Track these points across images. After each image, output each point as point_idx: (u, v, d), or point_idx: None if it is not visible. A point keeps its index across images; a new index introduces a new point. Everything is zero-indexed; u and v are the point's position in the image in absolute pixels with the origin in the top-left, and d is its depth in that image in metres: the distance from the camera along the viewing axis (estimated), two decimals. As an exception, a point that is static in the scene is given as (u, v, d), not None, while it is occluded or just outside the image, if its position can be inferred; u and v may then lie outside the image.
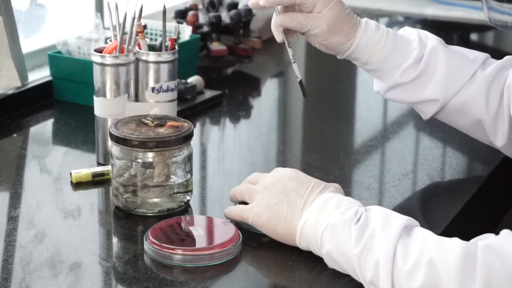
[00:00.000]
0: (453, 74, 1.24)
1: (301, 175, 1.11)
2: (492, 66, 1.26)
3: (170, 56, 1.32)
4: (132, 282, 1.02)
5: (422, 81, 1.25)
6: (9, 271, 1.04)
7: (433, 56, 1.24)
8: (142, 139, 1.15)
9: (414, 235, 0.97)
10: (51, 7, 1.79)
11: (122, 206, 1.19)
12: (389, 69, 1.25)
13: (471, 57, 1.26)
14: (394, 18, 2.45)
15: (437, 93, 1.24)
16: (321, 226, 1.02)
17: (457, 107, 1.26)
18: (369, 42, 1.23)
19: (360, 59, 1.25)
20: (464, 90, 1.25)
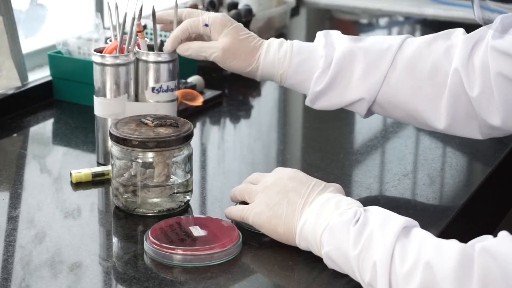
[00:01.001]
0: (370, 69, 1.22)
1: (301, 174, 1.11)
2: (413, 45, 1.22)
3: (170, 56, 1.32)
4: (132, 282, 1.02)
5: (339, 85, 1.23)
6: (9, 271, 1.04)
7: (345, 58, 1.23)
8: (142, 139, 1.15)
9: (412, 237, 0.97)
10: (51, 7, 1.79)
11: (122, 206, 1.19)
12: (303, 81, 1.25)
13: (385, 45, 1.23)
14: (394, 18, 2.45)
15: (359, 92, 1.23)
16: (320, 227, 1.02)
17: (385, 100, 1.23)
18: (274, 61, 1.25)
19: (273, 78, 1.26)
20: (388, 80, 1.22)
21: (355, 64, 1.22)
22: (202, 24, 1.26)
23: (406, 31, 2.39)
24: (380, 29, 2.42)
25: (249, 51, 1.25)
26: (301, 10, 2.46)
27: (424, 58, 1.21)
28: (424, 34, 2.40)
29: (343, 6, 2.50)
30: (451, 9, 2.38)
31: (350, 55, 1.23)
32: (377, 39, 1.25)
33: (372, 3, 2.47)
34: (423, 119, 1.22)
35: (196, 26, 1.27)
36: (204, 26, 1.26)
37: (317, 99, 1.26)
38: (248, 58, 1.25)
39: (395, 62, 1.22)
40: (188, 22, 1.27)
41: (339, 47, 1.24)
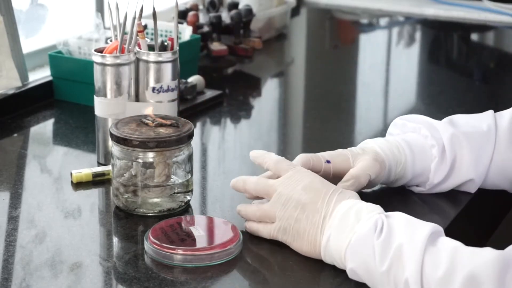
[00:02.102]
0: (478, 150, 1.22)
1: (316, 181, 1.08)
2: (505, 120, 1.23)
3: (171, 56, 1.32)
4: (133, 282, 1.02)
5: (454, 170, 1.22)
6: (9, 271, 1.04)
7: (453, 143, 1.21)
8: (142, 139, 1.15)
9: (440, 245, 0.95)
10: (51, 7, 1.79)
11: (122, 206, 1.19)
12: (421, 174, 1.22)
13: (485, 128, 1.23)
14: (394, 18, 2.45)
15: (470, 175, 1.22)
16: (343, 243, 1.00)
17: (495, 177, 1.24)
18: (392, 162, 1.20)
19: (389, 178, 1.22)
20: (495, 161, 1.23)
21: (465, 151, 1.21)
22: (324, 160, 1.18)
23: (407, 31, 2.39)
24: (380, 29, 2.42)
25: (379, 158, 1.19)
26: (302, 10, 2.46)
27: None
28: (424, 34, 2.40)
29: (343, 6, 2.50)
30: (451, 9, 2.38)
31: (459, 139, 1.21)
32: (469, 120, 1.24)
33: (372, 3, 2.47)
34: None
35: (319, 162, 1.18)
36: (326, 163, 1.18)
37: (431, 189, 1.23)
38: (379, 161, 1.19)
39: (497, 142, 1.22)
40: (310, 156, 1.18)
41: (444, 133, 1.21)
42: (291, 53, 2.19)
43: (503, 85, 1.92)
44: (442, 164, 1.21)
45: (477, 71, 2.12)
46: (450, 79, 1.97)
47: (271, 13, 2.14)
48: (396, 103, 1.79)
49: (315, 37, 2.32)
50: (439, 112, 1.58)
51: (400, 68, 2.08)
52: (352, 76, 1.99)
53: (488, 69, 2.10)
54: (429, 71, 2.09)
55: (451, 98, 1.77)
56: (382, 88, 1.88)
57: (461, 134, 1.22)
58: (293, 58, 2.14)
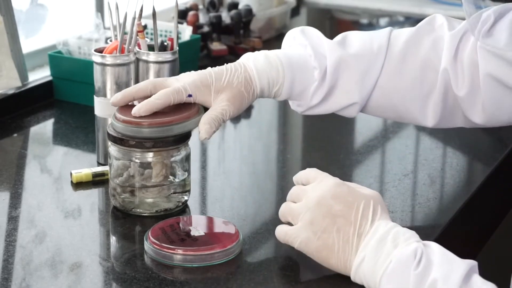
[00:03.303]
0: (363, 75, 1.19)
1: (345, 190, 1.03)
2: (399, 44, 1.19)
3: (171, 56, 1.32)
4: (133, 282, 1.02)
5: (334, 94, 1.20)
6: (9, 271, 1.04)
7: (339, 68, 1.19)
8: (139, 139, 1.15)
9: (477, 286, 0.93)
10: (51, 7, 1.79)
11: (119, 206, 1.19)
12: (297, 95, 1.20)
13: (375, 47, 1.19)
14: (394, 18, 2.45)
15: (353, 98, 1.19)
16: (380, 269, 0.97)
17: (376, 102, 1.21)
18: (269, 82, 1.18)
19: (267, 96, 1.20)
20: (379, 85, 1.20)
21: (349, 73, 1.19)
22: (186, 95, 1.15)
23: (406, 31, 2.39)
24: (380, 29, 2.41)
25: (247, 87, 1.17)
26: (302, 10, 2.46)
27: (413, 58, 1.19)
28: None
29: (343, 6, 2.50)
30: (451, 9, 2.38)
31: (344, 64, 1.19)
32: (363, 38, 1.21)
33: (372, 3, 2.47)
34: (412, 118, 1.21)
35: (181, 99, 1.15)
36: (188, 97, 1.15)
37: (309, 110, 1.21)
38: (249, 95, 1.17)
39: (385, 65, 1.19)
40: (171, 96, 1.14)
41: (330, 56, 1.19)
42: (291, 53, 2.19)
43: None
44: (321, 88, 1.19)
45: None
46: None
47: (271, 13, 2.14)
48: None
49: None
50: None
51: (400, 68, 2.08)
52: (352, 76, 1.99)
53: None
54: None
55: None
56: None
57: (348, 57, 1.19)
58: (293, 58, 2.14)
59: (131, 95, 1.16)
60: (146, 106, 1.13)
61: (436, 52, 1.17)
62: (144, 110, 1.13)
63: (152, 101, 1.14)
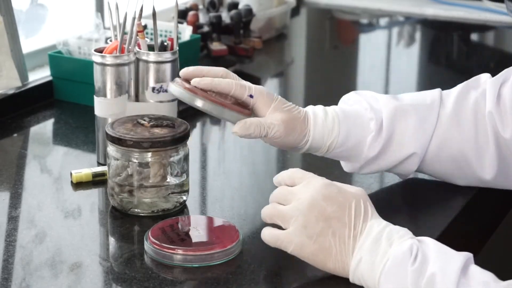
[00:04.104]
0: (421, 124, 1.20)
1: (334, 190, 1.02)
2: (451, 98, 1.22)
3: (171, 56, 1.32)
4: (133, 282, 1.02)
5: (392, 145, 1.20)
6: (9, 271, 1.04)
7: (396, 117, 1.20)
8: (137, 139, 1.15)
9: (472, 282, 0.94)
10: (51, 7, 1.79)
11: (117, 206, 1.19)
12: (353, 148, 1.20)
13: (428, 100, 1.22)
14: (394, 18, 2.45)
15: (412, 148, 1.20)
16: (377, 269, 0.98)
17: (435, 153, 1.22)
18: (324, 132, 1.19)
19: (320, 149, 1.21)
20: (436, 135, 1.21)
21: (407, 121, 1.20)
22: (248, 94, 1.17)
23: (407, 31, 2.39)
24: (380, 29, 2.42)
25: (301, 124, 1.18)
26: (302, 10, 2.46)
27: (465, 108, 1.21)
28: (424, 34, 2.40)
29: (343, 6, 2.50)
30: (451, 9, 2.38)
31: (400, 113, 1.20)
32: (414, 94, 1.24)
33: (372, 3, 2.47)
34: (471, 170, 1.22)
35: (241, 94, 1.17)
36: (248, 96, 1.17)
37: (367, 165, 1.22)
38: (301, 131, 1.18)
39: (440, 115, 1.21)
40: (234, 86, 1.16)
41: (385, 106, 1.20)
42: (291, 53, 2.19)
43: (503, 85, 1.92)
44: (379, 138, 1.20)
45: (477, 71, 2.12)
46: (450, 79, 1.97)
47: (271, 13, 2.14)
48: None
49: (315, 37, 2.32)
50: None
51: (400, 68, 2.08)
52: (352, 76, 1.99)
53: (488, 69, 2.09)
54: (429, 71, 2.09)
55: (451, 98, 1.77)
56: (382, 88, 1.88)
57: (403, 107, 1.20)
58: (293, 58, 2.14)
59: (202, 71, 1.18)
60: (207, 80, 1.16)
61: (483, 101, 1.20)
62: (204, 83, 1.15)
63: (215, 80, 1.16)
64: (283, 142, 1.17)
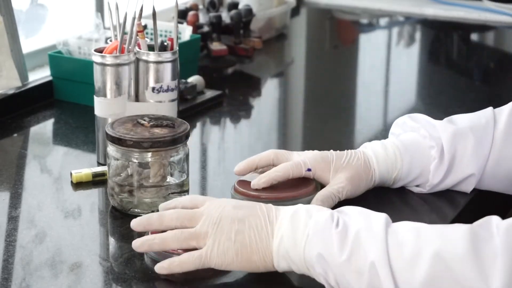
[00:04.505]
0: (478, 145, 1.22)
1: (240, 201, 1.06)
2: (503, 117, 1.24)
3: (171, 56, 1.32)
4: (133, 282, 1.02)
5: (453, 169, 1.22)
6: (9, 271, 1.04)
7: (454, 141, 1.22)
8: (137, 139, 1.15)
9: (401, 228, 0.96)
10: (51, 7, 1.79)
11: (117, 206, 1.19)
12: (418, 177, 1.23)
13: (483, 121, 1.23)
14: (394, 18, 2.45)
15: (470, 169, 1.22)
16: (301, 239, 0.98)
17: (491, 172, 1.24)
18: (387, 167, 1.21)
19: (386, 183, 1.23)
20: (492, 154, 1.23)
21: (466, 144, 1.22)
22: (305, 169, 1.18)
23: (407, 31, 2.39)
24: (380, 29, 2.42)
25: (365, 170, 1.20)
26: (302, 10, 2.46)
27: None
28: (424, 34, 2.40)
29: (343, 6, 2.50)
30: (451, 9, 2.38)
31: (459, 137, 1.22)
32: (469, 115, 1.25)
33: (372, 3, 2.47)
34: None
35: (300, 173, 1.18)
36: (307, 171, 1.18)
37: (431, 189, 1.24)
38: (367, 176, 1.20)
39: (494, 135, 1.23)
40: (290, 169, 1.18)
41: (444, 132, 1.22)
42: (291, 53, 2.19)
43: (503, 85, 1.92)
44: (441, 165, 1.22)
45: (477, 71, 2.12)
46: (450, 79, 1.97)
47: (271, 13, 2.14)
48: (396, 103, 1.79)
49: (315, 37, 2.32)
50: (439, 112, 1.58)
51: (400, 68, 2.08)
52: (352, 76, 1.99)
53: (488, 69, 2.10)
54: (429, 71, 2.09)
55: (451, 98, 1.77)
56: (382, 88, 1.88)
57: (460, 130, 1.22)
58: (293, 58, 2.14)
59: (255, 163, 1.21)
60: (266, 178, 1.17)
61: None
62: (264, 182, 1.17)
63: (272, 174, 1.18)
64: (358, 193, 1.20)
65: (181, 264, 1.01)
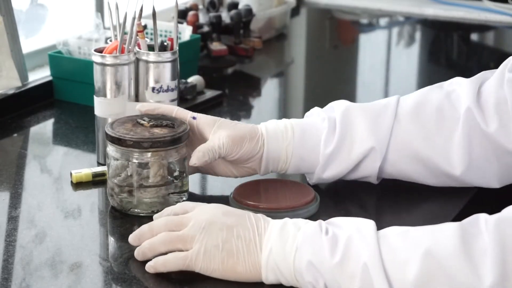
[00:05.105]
0: (375, 122, 1.21)
1: (231, 208, 1.05)
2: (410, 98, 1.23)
3: (170, 56, 1.32)
4: (133, 282, 1.02)
5: (347, 140, 1.21)
6: (9, 271, 1.04)
7: (348, 115, 1.21)
8: (136, 139, 1.15)
9: (391, 232, 0.96)
10: (51, 7, 1.79)
11: (117, 206, 1.19)
12: (311, 149, 1.21)
13: (383, 102, 1.24)
14: (394, 18, 2.45)
15: (369, 142, 1.20)
16: (290, 250, 0.97)
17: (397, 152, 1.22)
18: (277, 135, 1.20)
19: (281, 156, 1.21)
20: (396, 132, 1.21)
21: (359, 119, 1.21)
22: (190, 116, 1.20)
23: (407, 31, 2.39)
24: (380, 29, 2.42)
25: (250, 131, 1.20)
26: (301, 10, 2.46)
27: (425, 108, 1.22)
28: (424, 34, 2.40)
29: (343, 6, 2.50)
30: (451, 9, 2.38)
31: (353, 110, 1.22)
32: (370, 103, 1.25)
33: (372, 3, 2.47)
34: (438, 168, 1.21)
35: (184, 116, 1.21)
36: (192, 118, 1.20)
37: (327, 165, 1.21)
38: (253, 140, 1.19)
39: (398, 115, 1.21)
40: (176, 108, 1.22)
41: (337, 107, 1.23)
42: (291, 53, 2.19)
43: (503, 85, 1.92)
44: (333, 134, 1.21)
45: (477, 71, 2.13)
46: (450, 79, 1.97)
47: (271, 13, 2.14)
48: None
49: (315, 37, 2.32)
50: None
51: (400, 68, 2.08)
52: (352, 76, 1.99)
53: (488, 69, 2.09)
54: (429, 71, 2.09)
55: (451, 98, 1.77)
56: (382, 88, 1.88)
57: (355, 105, 1.23)
58: (293, 58, 2.14)
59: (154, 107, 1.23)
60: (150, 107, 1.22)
61: (450, 101, 1.21)
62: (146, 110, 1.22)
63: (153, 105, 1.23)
64: (237, 153, 1.18)
65: (165, 263, 1.01)
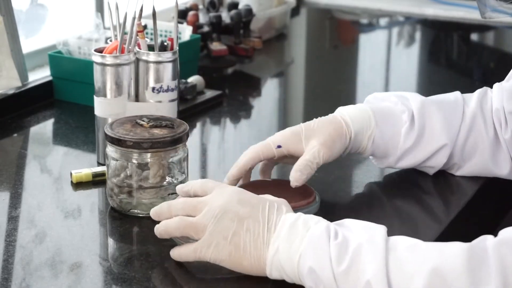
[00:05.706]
0: (447, 116, 1.25)
1: (248, 195, 1.03)
2: (473, 97, 1.28)
3: (171, 56, 1.32)
4: (133, 282, 1.02)
5: (425, 135, 1.24)
6: (9, 271, 1.04)
7: (425, 109, 1.25)
8: (136, 140, 1.15)
9: (401, 246, 0.95)
10: (51, 7, 1.79)
11: (117, 207, 1.18)
12: (391, 139, 1.24)
13: (452, 98, 1.28)
14: (394, 18, 2.45)
15: (443, 139, 1.24)
16: (296, 252, 0.97)
17: (461, 148, 1.27)
18: (362, 125, 1.23)
19: (361, 144, 1.24)
20: (462, 130, 1.26)
21: (436, 113, 1.25)
22: (275, 147, 1.20)
23: (407, 31, 2.39)
24: (380, 29, 2.42)
25: (337, 130, 1.21)
26: (301, 10, 2.46)
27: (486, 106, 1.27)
28: (424, 34, 2.40)
29: (343, 6, 2.50)
30: (451, 9, 2.38)
31: (429, 105, 1.25)
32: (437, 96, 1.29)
33: (372, 3, 2.47)
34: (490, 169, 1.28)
35: (271, 152, 1.20)
36: (277, 148, 1.20)
37: (404, 157, 1.25)
38: (341, 137, 1.21)
39: (465, 111, 1.26)
40: (260, 148, 1.20)
41: (413, 100, 1.25)
42: (291, 53, 2.19)
43: (503, 85, 1.92)
44: (412, 129, 1.24)
45: (477, 71, 2.13)
46: (450, 79, 1.97)
47: (271, 13, 2.14)
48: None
49: (315, 37, 2.32)
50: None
51: (400, 68, 2.08)
52: (352, 76, 1.99)
53: (488, 69, 2.10)
54: (429, 71, 2.09)
55: (451, 98, 1.77)
56: (382, 88, 1.88)
57: (429, 100, 1.26)
58: (293, 58, 2.15)
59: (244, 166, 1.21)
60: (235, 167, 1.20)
61: None
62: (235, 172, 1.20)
63: (241, 161, 1.20)
64: (332, 155, 1.20)
65: (180, 254, 1.03)
